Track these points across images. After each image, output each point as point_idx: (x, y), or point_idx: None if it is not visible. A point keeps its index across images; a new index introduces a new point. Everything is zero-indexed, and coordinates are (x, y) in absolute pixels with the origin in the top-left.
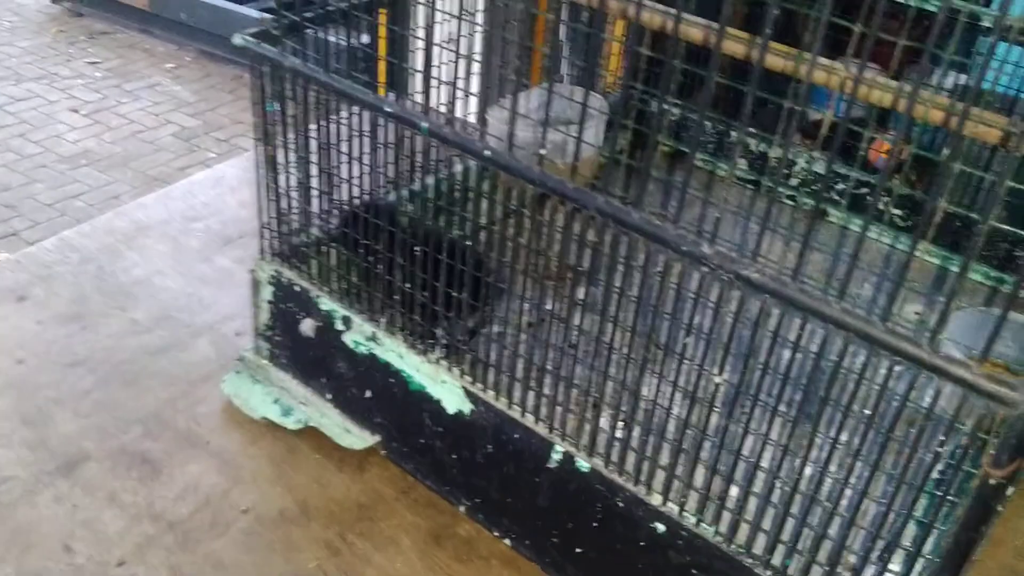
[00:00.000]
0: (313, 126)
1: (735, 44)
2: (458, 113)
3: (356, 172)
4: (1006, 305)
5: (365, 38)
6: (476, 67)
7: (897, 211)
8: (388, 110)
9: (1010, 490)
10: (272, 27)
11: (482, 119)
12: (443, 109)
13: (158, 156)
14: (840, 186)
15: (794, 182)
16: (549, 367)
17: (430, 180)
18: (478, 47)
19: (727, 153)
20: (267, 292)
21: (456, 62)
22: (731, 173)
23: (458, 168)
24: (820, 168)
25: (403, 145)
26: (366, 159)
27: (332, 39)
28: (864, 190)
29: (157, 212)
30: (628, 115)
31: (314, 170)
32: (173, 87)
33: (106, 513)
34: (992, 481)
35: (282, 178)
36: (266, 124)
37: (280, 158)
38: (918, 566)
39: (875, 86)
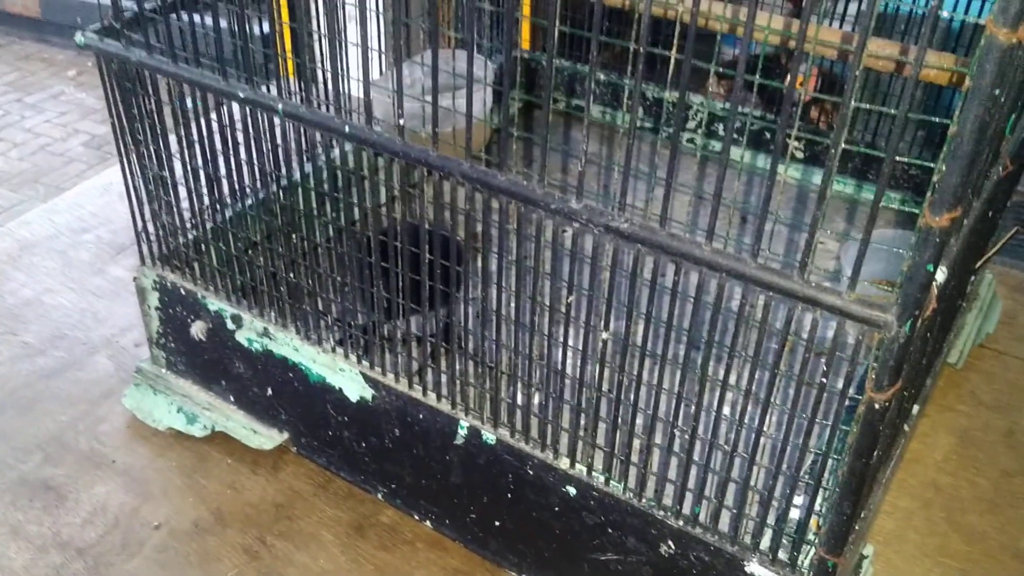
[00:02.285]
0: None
1: None
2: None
3: (233, 167)
4: (867, 228)
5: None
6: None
7: (797, 144)
8: (241, 95)
9: (915, 408)
10: (112, 20)
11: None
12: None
13: (70, 168)
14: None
15: (692, 124)
16: (443, 343)
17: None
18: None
19: (622, 104)
20: (153, 299)
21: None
22: (587, 122)
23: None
24: (715, 110)
25: (266, 133)
26: (244, 152)
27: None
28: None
29: (42, 228)
30: (514, 78)
31: (184, 169)
32: (78, 95)
33: (10, 548)
34: (877, 405)
35: (153, 181)
36: (126, 125)
37: (148, 160)
38: (820, 497)
39: (712, 18)
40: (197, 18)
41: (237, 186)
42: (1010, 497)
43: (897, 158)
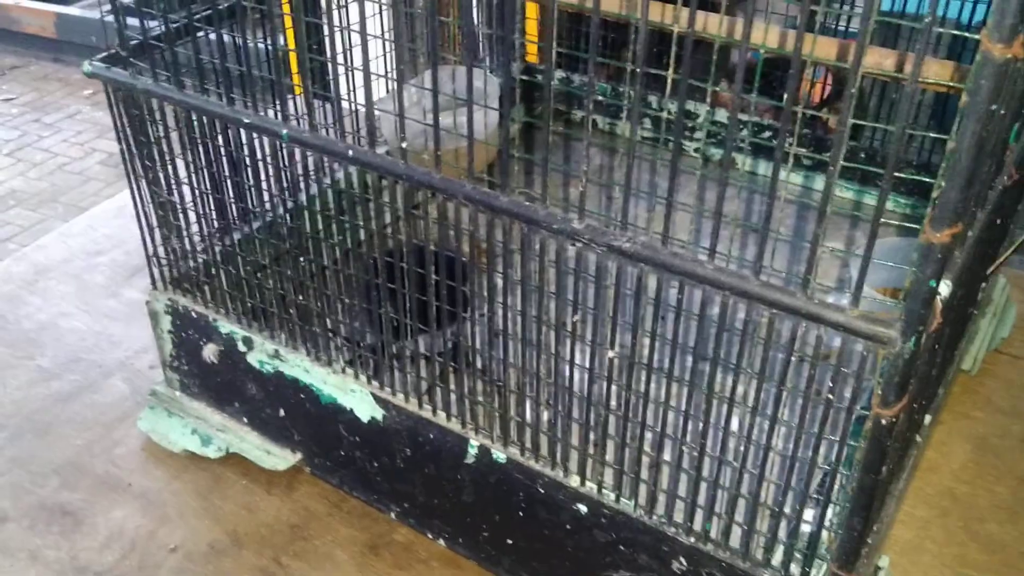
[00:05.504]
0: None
1: None
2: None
3: (240, 191)
4: (868, 243)
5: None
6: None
7: (803, 150)
8: (246, 121)
9: (927, 418)
10: (118, 49)
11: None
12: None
13: (88, 187)
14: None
15: (699, 135)
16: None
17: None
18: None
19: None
20: (166, 322)
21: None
22: (587, 143)
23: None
24: (721, 118)
25: (272, 158)
26: (251, 177)
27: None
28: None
29: (57, 251)
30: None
31: (193, 194)
32: (94, 113)
33: (28, 574)
34: (884, 421)
35: (162, 206)
36: (135, 151)
37: (157, 186)
38: (830, 513)
39: (705, 37)
40: (202, 43)
41: (244, 210)
42: None
43: (898, 174)
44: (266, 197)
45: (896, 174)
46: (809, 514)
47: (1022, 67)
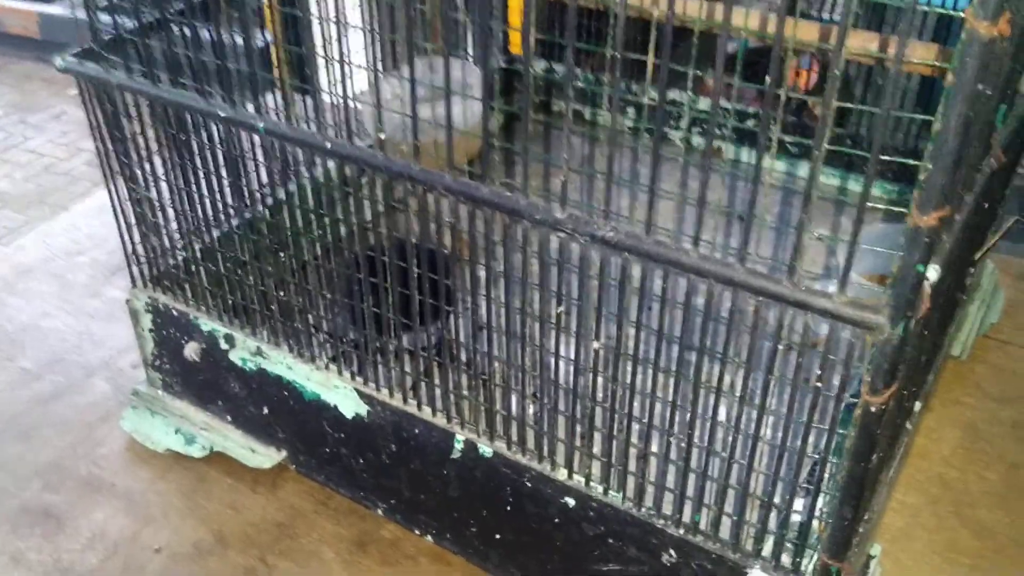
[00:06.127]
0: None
1: None
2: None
3: (218, 187)
4: (854, 230)
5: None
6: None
7: (788, 137)
8: (222, 115)
9: (917, 405)
10: (91, 44)
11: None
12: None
13: (74, 187)
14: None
15: (683, 123)
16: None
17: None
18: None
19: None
20: (146, 320)
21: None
22: (567, 131)
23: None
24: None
25: (250, 152)
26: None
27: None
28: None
29: (38, 251)
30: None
31: (171, 190)
32: (79, 113)
33: None
34: (873, 409)
35: (140, 203)
36: (111, 147)
37: (134, 183)
38: (820, 502)
39: (687, 22)
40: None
41: (223, 206)
42: (1019, 491)
43: (883, 157)
44: (244, 193)
45: (882, 158)
46: (799, 504)
47: (1008, 46)
